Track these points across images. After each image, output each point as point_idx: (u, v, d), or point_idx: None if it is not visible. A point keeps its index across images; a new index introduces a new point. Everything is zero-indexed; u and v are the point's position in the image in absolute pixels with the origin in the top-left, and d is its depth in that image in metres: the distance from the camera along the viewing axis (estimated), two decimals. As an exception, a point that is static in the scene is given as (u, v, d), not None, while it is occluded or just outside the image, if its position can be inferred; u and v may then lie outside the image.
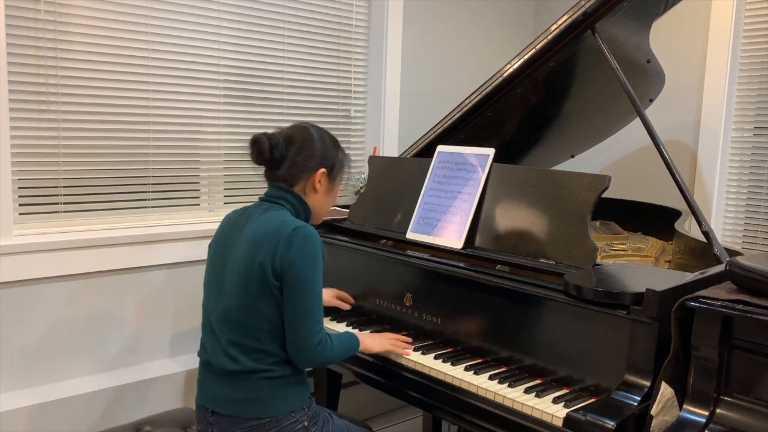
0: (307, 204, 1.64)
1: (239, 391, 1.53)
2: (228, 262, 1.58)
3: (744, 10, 2.75)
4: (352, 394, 2.74)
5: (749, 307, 1.19)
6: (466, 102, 2.14)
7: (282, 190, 1.62)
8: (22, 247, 2.03)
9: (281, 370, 1.54)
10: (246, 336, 1.52)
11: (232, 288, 1.55)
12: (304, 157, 1.60)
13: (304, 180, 1.62)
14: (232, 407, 1.54)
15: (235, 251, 1.57)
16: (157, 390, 2.30)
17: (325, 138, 1.66)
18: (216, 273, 1.62)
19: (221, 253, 1.62)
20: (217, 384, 1.57)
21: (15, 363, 2.09)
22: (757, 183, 2.77)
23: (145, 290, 2.34)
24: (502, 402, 1.46)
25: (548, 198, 1.72)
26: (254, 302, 1.51)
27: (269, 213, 1.58)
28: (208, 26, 2.44)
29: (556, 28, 1.95)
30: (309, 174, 1.62)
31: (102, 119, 2.24)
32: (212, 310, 1.61)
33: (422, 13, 3.05)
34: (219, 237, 1.67)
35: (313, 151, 1.61)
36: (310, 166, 1.61)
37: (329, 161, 1.64)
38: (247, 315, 1.52)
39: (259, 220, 1.57)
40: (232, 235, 1.61)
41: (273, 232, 1.52)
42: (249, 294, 1.51)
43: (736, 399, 1.23)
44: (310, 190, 1.63)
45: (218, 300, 1.58)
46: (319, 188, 1.64)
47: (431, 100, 3.13)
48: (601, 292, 1.40)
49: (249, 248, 1.53)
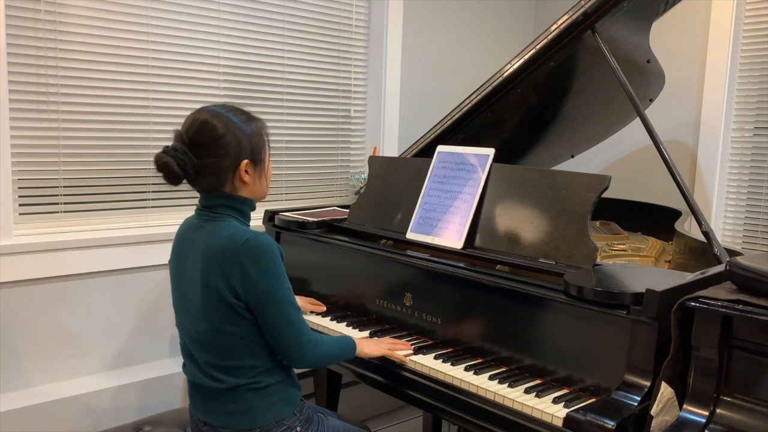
0: (245, 198, 1.52)
1: (229, 405, 1.50)
2: (188, 282, 1.50)
3: (744, 10, 2.74)
4: (352, 394, 2.74)
5: (749, 307, 1.19)
6: (466, 102, 2.14)
7: (214, 197, 1.50)
8: (22, 247, 2.03)
9: (267, 380, 1.50)
10: (223, 357, 1.47)
11: (197, 311, 1.48)
12: (220, 159, 1.45)
13: (230, 179, 1.48)
14: (223, 419, 1.51)
15: (190, 271, 1.49)
16: (157, 390, 2.30)
17: (231, 123, 1.46)
18: (181, 293, 1.54)
19: (181, 272, 1.54)
20: (204, 399, 1.54)
21: (15, 363, 2.08)
22: (757, 183, 2.77)
23: (145, 290, 2.34)
24: (502, 402, 1.45)
25: (548, 198, 1.72)
26: (221, 325, 1.45)
27: (213, 226, 1.48)
28: (208, 26, 2.44)
29: (556, 28, 1.95)
30: (232, 171, 1.48)
31: (102, 119, 2.24)
32: (185, 333, 1.55)
33: (422, 13, 3.06)
34: (175, 252, 1.58)
35: (226, 148, 1.45)
36: (229, 165, 1.46)
37: (247, 147, 1.48)
38: (218, 338, 1.46)
39: (206, 234, 1.48)
40: (186, 250, 1.52)
41: (222, 251, 1.42)
42: (213, 318, 1.45)
43: (736, 399, 1.23)
44: (240, 185, 1.50)
45: (188, 322, 1.52)
46: (248, 179, 1.50)
47: (431, 100, 3.13)
48: (601, 292, 1.40)
49: (202, 269, 1.45)
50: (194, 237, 1.51)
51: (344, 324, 1.93)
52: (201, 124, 1.45)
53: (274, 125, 2.70)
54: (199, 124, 1.45)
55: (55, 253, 2.10)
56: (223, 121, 1.45)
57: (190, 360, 1.56)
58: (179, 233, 1.59)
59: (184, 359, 1.60)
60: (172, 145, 1.45)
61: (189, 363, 1.57)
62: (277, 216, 2.30)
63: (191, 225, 1.56)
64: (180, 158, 1.43)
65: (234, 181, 1.50)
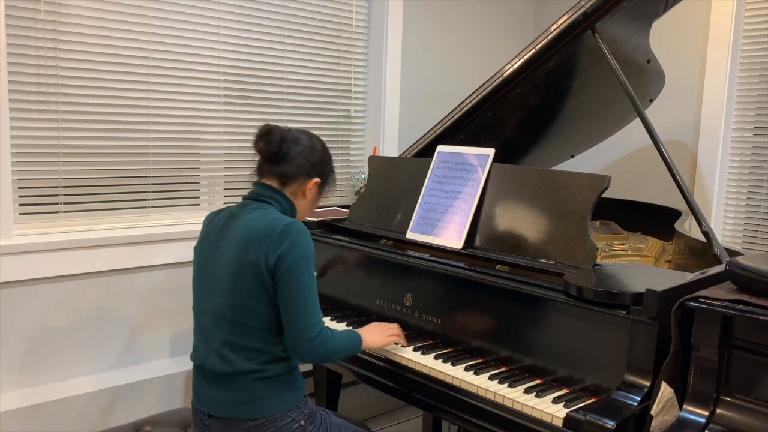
0: (294, 206, 1.65)
1: (234, 393, 1.53)
2: (217, 263, 1.57)
3: (744, 10, 2.74)
4: (352, 394, 2.74)
5: (749, 307, 1.19)
6: (466, 102, 2.14)
7: (272, 190, 1.62)
8: (22, 247, 2.03)
9: (275, 369, 1.54)
10: (239, 335, 1.52)
11: (224, 288, 1.54)
12: (306, 161, 1.63)
13: (298, 183, 1.64)
14: (228, 410, 1.53)
15: (224, 251, 1.56)
16: (157, 390, 2.30)
17: (325, 152, 1.70)
18: (205, 275, 1.61)
19: (209, 254, 1.61)
20: (211, 387, 1.56)
21: (15, 363, 2.09)
22: (757, 183, 2.77)
23: (145, 290, 2.34)
24: (502, 402, 1.46)
25: (548, 198, 1.72)
26: (247, 300, 1.51)
27: (257, 212, 1.58)
28: (208, 26, 2.44)
29: (556, 28, 1.95)
30: (305, 179, 1.64)
31: (102, 119, 2.24)
32: (203, 312, 1.60)
33: (422, 13, 3.06)
34: (204, 238, 1.65)
35: (315, 158, 1.65)
36: (308, 171, 1.64)
37: (325, 174, 1.69)
38: (241, 314, 1.52)
39: (248, 218, 1.57)
40: (219, 235, 1.60)
41: (264, 229, 1.52)
42: (241, 293, 1.51)
43: (736, 399, 1.23)
44: (300, 195, 1.65)
45: (209, 301, 1.58)
46: (308, 195, 1.66)
47: (431, 100, 3.13)
48: (601, 292, 1.40)
49: (239, 247, 1.53)
50: (232, 222, 1.60)
51: (344, 324, 1.93)
52: (305, 133, 1.68)
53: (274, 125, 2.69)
54: (303, 132, 1.68)
55: (55, 253, 2.10)
56: (323, 145, 1.70)
57: (204, 339, 1.58)
58: (210, 219, 1.67)
59: (196, 342, 1.62)
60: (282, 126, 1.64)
61: (201, 344, 1.60)
62: (277, 216, 2.30)
63: (229, 213, 1.63)
64: (284, 136, 1.61)
65: (299, 189, 1.65)
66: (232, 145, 2.57)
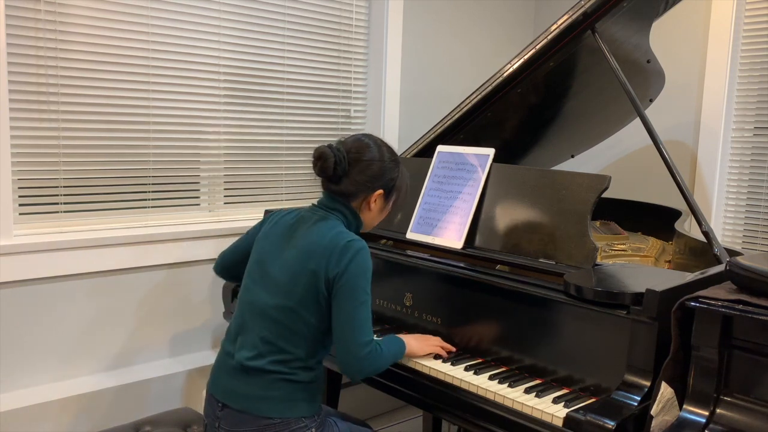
0: (360, 218, 1.66)
1: (254, 388, 1.53)
2: (276, 262, 1.59)
3: (744, 10, 2.74)
4: (352, 394, 2.74)
5: (749, 307, 1.19)
6: (466, 102, 2.14)
7: (338, 202, 1.63)
8: (22, 247, 2.03)
9: (303, 376, 1.55)
10: (279, 336, 1.53)
11: (278, 288, 1.55)
12: (365, 177, 1.61)
13: (361, 198, 1.63)
14: (245, 403, 1.53)
15: (287, 254, 1.58)
16: (157, 390, 2.30)
17: (385, 157, 1.64)
18: (262, 268, 1.62)
19: (271, 251, 1.62)
20: (232, 376, 1.56)
21: (15, 363, 2.09)
22: (757, 183, 2.77)
23: (145, 290, 2.34)
24: (502, 402, 1.46)
25: (548, 198, 1.72)
26: (297, 306, 1.52)
27: (324, 223, 1.59)
28: (208, 26, 2.44)
29: (556, 28, 1.95)
30: (367, 193, 1.63)
31: (102, 119, 2.24)
32: (250, 303, 1.60)
33: (422, 13, 3.05)
34: (270, 234, 1.67)
35: (374, 172, 1.62)
36: (369, 186, 1.62)
37: (388, 183, 1.65)
38: (287, 317, 1.53)
39: (314, 228, 1.59)
40: (286, 235, 1.62)
41: (328, 242, 1.53)
42: (293, 297, 1.53)
43: (736, 399, 1.23)
44: (365, 207, 1.65)
45: (259, 295, 1.58)
46: (373, 207, 1.65)
47: (431, 100, 3.13)
48: (601, 292, 1.40)
49: (302, 255, 1.55)
50: (300, 227, 1.62)
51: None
52: (364, 143, 1.63)
53: (274, 125, 2.70)
54: (362, 142, 1.64)
55: (55, 253, 2.10)
56: (381, 151, 1.64)
57: (241, 332, 1.59)
58: (280, 216, 1.70)
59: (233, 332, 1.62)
60: (336, 144, 1.61)
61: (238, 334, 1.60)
62: (277, 216, 2.30)
63: (300, 217, 1.66)
64: (339, 156, 1.58)
65: (363, 202, 1.64)
66: (232, 145, 2.57)
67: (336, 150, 1.59)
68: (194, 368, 2.39)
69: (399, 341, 1.64)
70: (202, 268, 2.45)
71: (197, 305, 2.49)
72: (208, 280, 2.48)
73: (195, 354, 2.49)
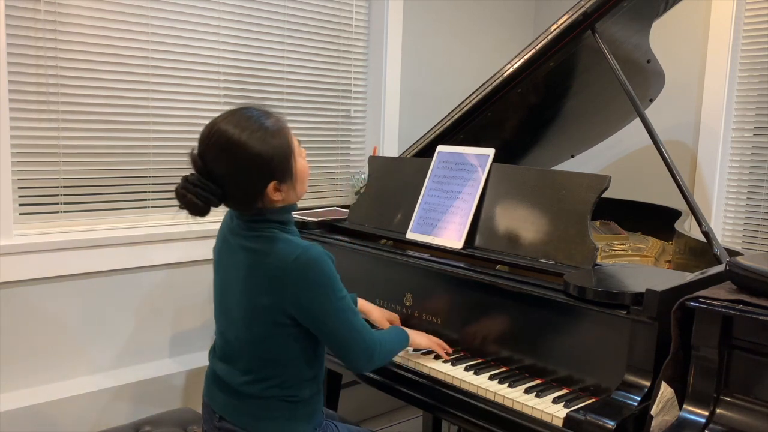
0: (281, 208, 1.42)
1: (252, 408, 1.45)
2: (231, 298, 1.45)
3: (744, 10, 2.74)
4: (352, 394, 2.73)
5: (749, 307, 1.19)
6: (466, 102, 2.14)
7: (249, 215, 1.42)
8: (22, 247, 2.03)
9: (302, 393, 1.46)
10: (265, 364, 1.43)
11: (240, 321, 1.43)
12: (243, 185, 1.36)
13: (259, 200, 1.39)
14: (245, 421, 1.46)
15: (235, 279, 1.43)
16: (157, 390, 2.30)
17: (251, 143, 1.33)
18: (222, 303, 1.50)
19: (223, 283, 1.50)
20: (228, 395, 1.48)
21: (15, 363, 2.08)
22: (757, 183, 2.77)
23: (145, 290, 2.34)
24: (502, 402, 1.45)
25: (548, 198, 1.72)
26: (267, 337, 1.41)
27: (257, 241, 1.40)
28: (208, 26, 2.44)
29: (556, 28, 1.95)
30: (260, 195, 1.38)
31: (102, 119, 2.24)
32: (222, 334, 1.50)
33: (422, 13, 3.05)
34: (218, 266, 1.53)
35: (248, 176, 1.35)
36: (253, 189, 1.37)
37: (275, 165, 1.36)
38: (261, 348, 1.42)
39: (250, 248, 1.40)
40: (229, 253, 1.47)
41: (272, 270, 1.36)
42: (259, 332, 1.41)
43: (736, 399, 1.23)
44: (270, 203, 1.40)
45: (228, 328, 1.48)
46: (279, 195, 1.40)
47: (431, 100, 3.13)
48: (601, 292, 1.40)
49: (247, 285, 1.40)
50: (236, 243, 1.44)
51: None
52: (217, 152, 1.34)
53: (274, 125, 2.69)
54: (215, 152, 1.35)
55: (55, 253, 2.10)
56: (239, 146, 1.33)
57: (223, 358, 1.50)
58: (222, 231, 1.53)
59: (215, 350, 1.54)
60: (190, 178, 1.36)
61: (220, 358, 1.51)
62: (277, 216, 2.29)
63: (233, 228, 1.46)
64: (201, 194, 1.34)
65: (265, 200, 1.40)
66: (232, 145, 2.57)
67: (190, 183, 1.34)
68: (194, 368, 2.39)
69: (401, 330, 1.63)
70: (202, 268, 2.45)
71: (197, 305, 2.49)
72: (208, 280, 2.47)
73: (195, 354, 2.49)
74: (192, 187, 1.34)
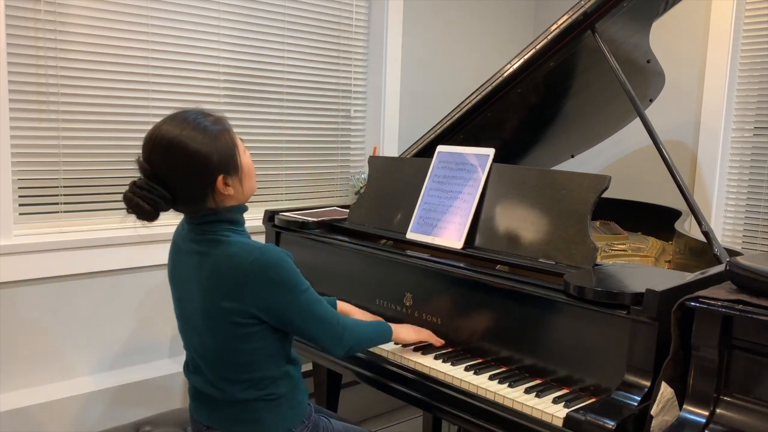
0: (231, 207, 1.43)
1: (237, 414, 1.47)
2: (189, 297, 1.45)
3: (744, 10, 2.74)
4: (352, 394, 2.74)
5: (749, 307, 1.19)
6: (466, 102, 2.14)
7: (199, 216, 1.42)
8: (22, 247, 2.03)
9: (277, 391, 1.46)
10: (231, 370, 1.43)
11: (202, 328, 1.42)
12: (191, 184, 1.36)
13: (210, 197, 1.39)
14: (230, 426, 1.48)
15: (192, 287, 1.43)
16: (157, 390, 2.30)
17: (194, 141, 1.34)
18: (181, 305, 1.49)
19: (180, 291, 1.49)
20: (211, 406, 1.49)
21: (15, 363, 2.09)
22: (757, 183, 2.77)
23: (145, 290, 2.34)
24: (502, 402, 1.45)
25: (548, 198, 1.72)
26: (228, 342, 1.40)
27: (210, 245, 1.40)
28: (208, 26, 2.44)
29: (556, 28, 1.95)
30: (210, 190, 1.38)
31: (102, 119, 2.24)
32: (189, 344, 1.50)
33: (422, 13, 3.06)
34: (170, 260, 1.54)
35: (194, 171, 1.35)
36: (203, 186, 1.37)
37: (218, 161, 1.36)
38: (226, 353, 1.42)
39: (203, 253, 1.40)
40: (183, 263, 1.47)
41: (229, 271, 1.35)
42: (220, 336, 1.40)
43: (736, 399, 1.23)
44: (221, 199, 1.40)
45: (192, 338, 1.47)
46: (229, 190, 1.40)
47: (431, 100, 3.13)
48: (601, 292, 1.40)
49: (206, 290, 1.39)
50: (189, 249, 1.44)
51: (344, 324, 1.93)
52: (162, 153, 1.35)
53: (274, 125, 2.70)
54: (160, 153, 1.35)
55: (55, 253, 2.10)
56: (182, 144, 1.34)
57: (195, 371, 1.51)
58: (175, 241, 1.54)
59: (190, 365, 1.54)
60: (138, 182, 1.36)
61: (193, 371, 1.52)
62: (276, 216, 2.30)
63: (186, 235, 1.47)
64: (148, 197, 1.34)
65: (215, 198, 1.40)
66: (232, 145, 2.57)
67: (139, 188, 1.35)
68: (194, 368, 2.39)
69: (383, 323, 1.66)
70: (202, 268, 2.45)
71: (197, 305, 2.49)
72: (208, 280, 2.47)
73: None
74: (139, 190, 1.35)
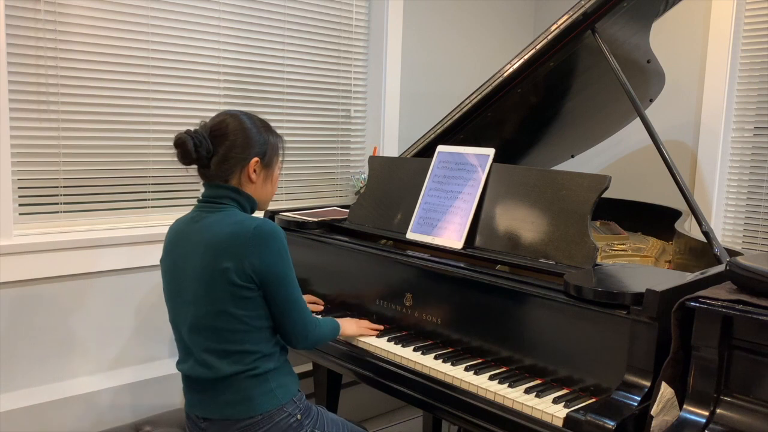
0: (248, 195, 1.61)
1: (227, 395, 1.52)
2: (186, 272, 1.55)
3: (744, 10, 2.74)
4: (352, 394, 2.74)
5: (749, 307, 1.19)
6: (466, 102, 2.14)
7: (219, 187, 1.58)
8: (22, 247, 2.03)
9: (264, 366, 1.53)
10: (222, 340, 1.51)
11: (198, 296, 1.52)
12: (233, 150, 1.56)
13: (237, 173, 1.58)
14: (223, 410, 1.53)
15: (192, 259, 1.53)
16: (157, 390, 2.30)
17: (251, 125, 1.60)
18: (176, 285, 1.59)
19: (176, 264, 1.59)
20: (202, 393, 1.56)
21: (15, 363, 2.08)
22: (757, 183, 2.77)
23: (145, 290, 2.34)
24: (502, 402, 1.46)
25: (548, 198, 1.72)
26: (224, 307, 1.49)
27: (218, 215, 1.55)
28: (208, 26, 2.44)
29: (556, 28, 1.95)
30: (242, 165, 1.58)
31: (102, 119, 2.24)
32: (181, 323, 1.58)
33: (422, 13, 3.06)
34: (169, 249, 1.63)
35: (241, 141, 1.57)
36: (240, 157, 1.57)
37: (260, 148, 1.60)
38: (219, 320, 1.50)
39: (209, 223, 1.54)
40: (182, 243, 1.58)
41: (231, 235, 1.49)
42: (217, 300, 1.49)
43: (736, 399, 1.23)
44: (246, 182, 1.59)
45: (185, 311, 1.56)
46: (255, 178, 1.60)
47: (431, 100, 3.13)
48: (601, 292, 1.40)
49: (207, 254, 1.50)
50: (194, 228, 1.57)
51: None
52: (223, 120, 1.58)
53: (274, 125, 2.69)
54: (222, 117, 1.59)
55: (55, 253, 2.10)
56: (243, 121, 1.59)
57: (185, 352, 1.59)
58: (174, 229, 1.65)
59: (180, 354, 1.63)
60: (196, 130, 1.56)
61: (184, 356, 1.60)
62: (277, 216, 2.30)
63: (189, 219, 1.61)
64: (198, 139, 1.53)
65: (241, 176, 1.58)
66: (232, 145, 2.57)
67: (194, 133, 1.54)
68: (194, 368, 2.39)
69: (333, 320, 1.76)
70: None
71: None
72: (208, 280, 2.47)
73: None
74: (193, 133, 1.54)
